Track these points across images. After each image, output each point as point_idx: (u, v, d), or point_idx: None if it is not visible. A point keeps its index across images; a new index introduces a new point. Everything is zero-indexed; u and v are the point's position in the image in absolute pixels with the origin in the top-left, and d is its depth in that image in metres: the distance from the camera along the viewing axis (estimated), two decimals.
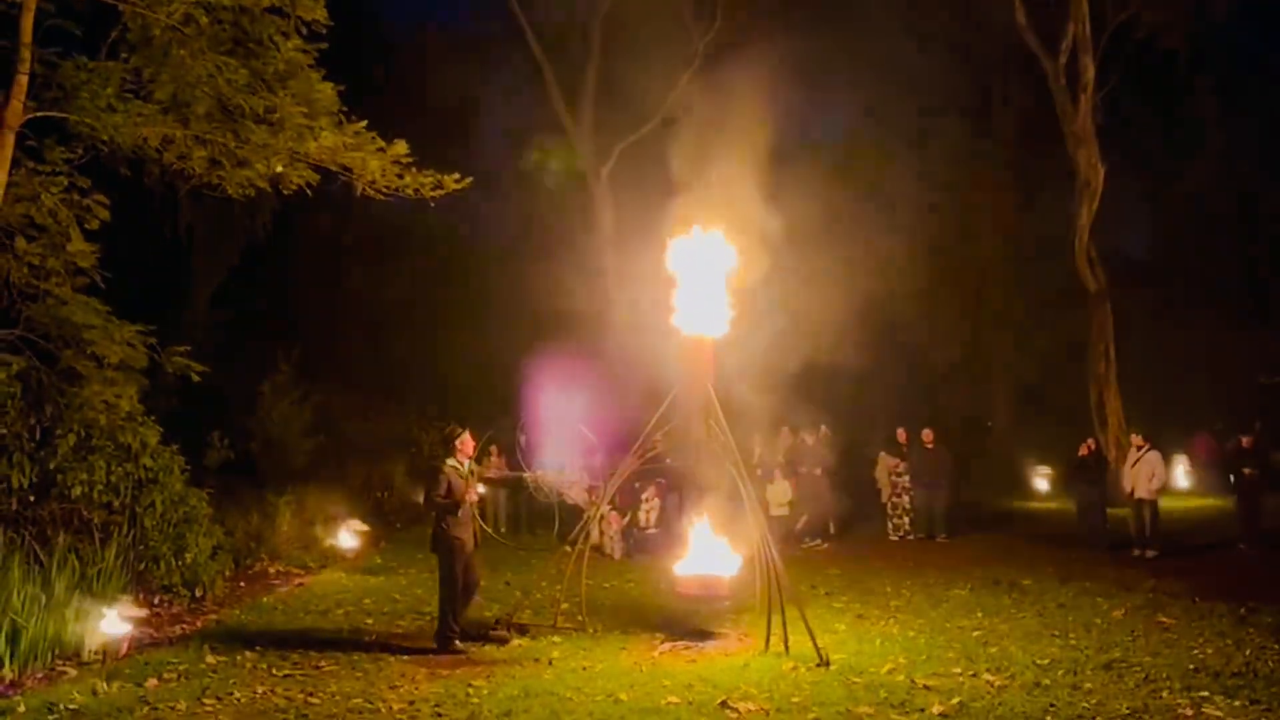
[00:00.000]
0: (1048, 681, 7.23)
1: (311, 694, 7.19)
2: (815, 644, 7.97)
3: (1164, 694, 6.85)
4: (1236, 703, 6.59)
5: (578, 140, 23.45)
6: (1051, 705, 6.62)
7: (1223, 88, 24.82)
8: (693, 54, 22.04)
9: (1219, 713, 6.42)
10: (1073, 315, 22.46)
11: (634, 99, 21.92)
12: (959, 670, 7.59)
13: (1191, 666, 7.56)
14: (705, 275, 9.30)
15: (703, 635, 8.78)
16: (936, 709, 6.57)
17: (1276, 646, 8.06)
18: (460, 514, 8.67)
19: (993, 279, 26.22)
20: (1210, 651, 8.03)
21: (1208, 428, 21.75)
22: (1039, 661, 7.80)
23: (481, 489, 12.22)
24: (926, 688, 7.12)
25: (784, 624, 8.35)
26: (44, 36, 9.22)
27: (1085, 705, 6.62)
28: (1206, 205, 25.41)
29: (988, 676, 7.38)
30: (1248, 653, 7.92)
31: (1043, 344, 25.07)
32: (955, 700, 6.75)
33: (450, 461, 8.85)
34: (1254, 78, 24.04)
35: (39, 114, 9.23)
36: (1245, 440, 14.49)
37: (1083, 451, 14.64)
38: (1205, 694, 6.80)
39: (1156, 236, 27.74)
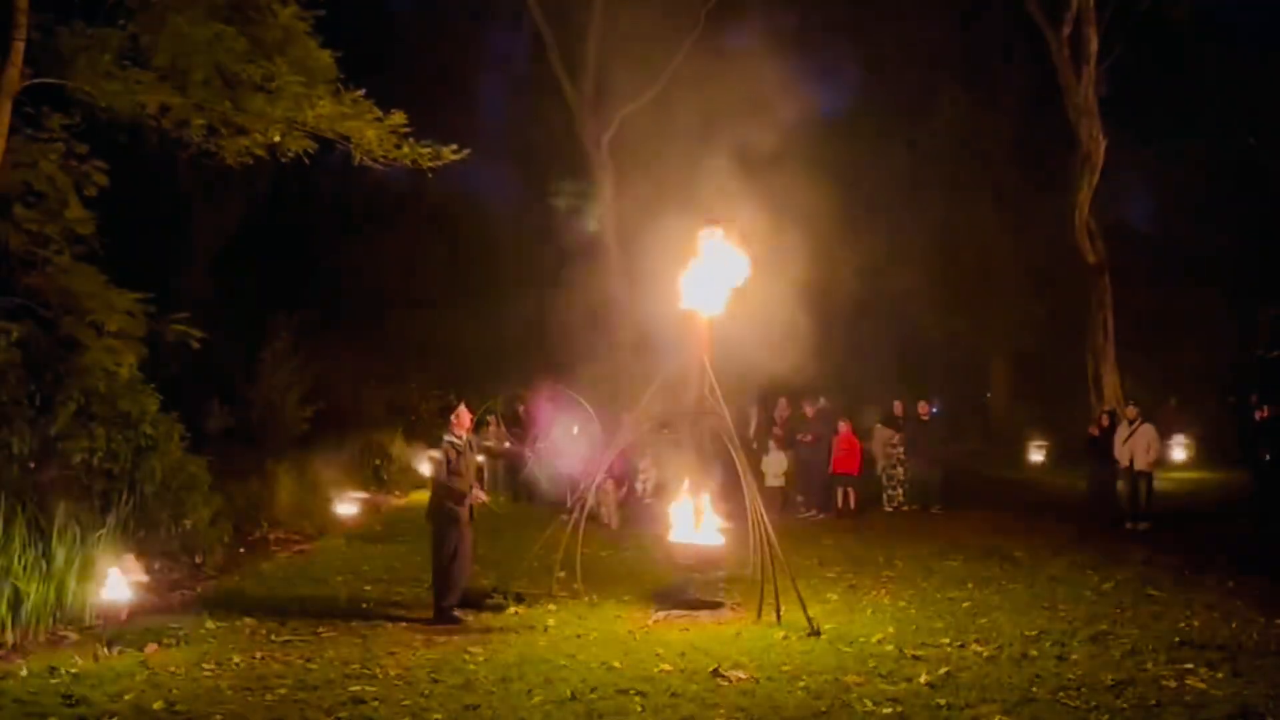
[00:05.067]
0: (1035, 653, 7.33)
1: (309, 660, 7.30)
2: (806, 614, 8.08)
3: (1149, 665, 6.94)
4: (1219, 674, 6.68)
5: (578, 107, 23.27)
6: (1037, 676, 6.72)
7: (1226, 60, 24.58)
8: (695, 20, 21.81)
9: (1202, 684, 6.50)
10: (1072, 287, 22.43)
11: (635, 66, 21.71)
12: (947, 641, 7.70)
13: (1177, 639, 7.64)
14: (705, 252, 9.31)
15: (697, 605, 8.87)
16: (923, 679, 6.66)
17: (1262, 619, 8.15)
18: (462, 503, 8.75)
19: (992, 251, 26.14)
20: (1197, 624, 8.12)
21: (1219, 400, 21.76)
22: (1027, 633, 7.89)
23: (481, 459, 12.29)
24: (915, 657, 7.22)
25: (776, 594, 8.45)
26: (41, 2, 9.18)
27: (1070, 676, 6.71)
28: (1209, 178, 25.25)
29: (976, 647, 7.49)
30: (1234, 625, 8.02)
31: (1041, 316, 25.06)
32: (942, 670, 6.85)
33: (448, 437, 8.91)
34: (1258, 50, 23.77)
35: (36, 81, 9.22)
36: (1263, 411, 14.11)
37: (1094, 430, 14.67)
38: (1189, 665, 6.88)
39: (1157, 209, 27.63)
